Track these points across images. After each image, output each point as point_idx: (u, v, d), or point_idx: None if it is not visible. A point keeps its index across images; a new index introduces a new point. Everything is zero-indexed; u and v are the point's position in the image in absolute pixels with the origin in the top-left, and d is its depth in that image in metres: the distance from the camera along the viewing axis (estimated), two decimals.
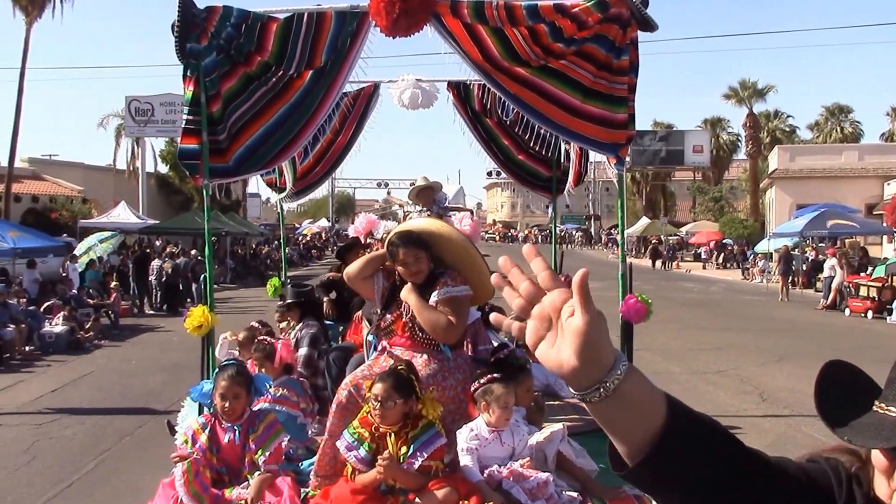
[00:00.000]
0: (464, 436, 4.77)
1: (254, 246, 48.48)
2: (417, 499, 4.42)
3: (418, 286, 5.13)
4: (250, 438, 5.03)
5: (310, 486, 5.02)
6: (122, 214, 37.56)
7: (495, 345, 6.23)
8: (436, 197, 7.79)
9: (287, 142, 6.11)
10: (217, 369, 5.36)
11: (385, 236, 5.89)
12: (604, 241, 75.46)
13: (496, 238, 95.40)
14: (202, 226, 6.17)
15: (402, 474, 4.45)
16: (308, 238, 65.98)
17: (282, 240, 11.17)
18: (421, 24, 5.70)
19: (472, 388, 4.90)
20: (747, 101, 60.24)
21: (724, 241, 51.30)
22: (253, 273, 39.06)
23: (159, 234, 38.02)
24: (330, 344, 7.36)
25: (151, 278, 27.26)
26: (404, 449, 4.51)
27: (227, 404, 5.05)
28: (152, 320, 24.27)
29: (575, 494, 4.78)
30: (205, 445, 5.07)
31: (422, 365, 4.98)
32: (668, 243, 53.69)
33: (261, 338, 6.65)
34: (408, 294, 5.09)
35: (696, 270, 46.58)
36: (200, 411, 6.04)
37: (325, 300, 8.14)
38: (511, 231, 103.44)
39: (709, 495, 1.48)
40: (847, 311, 24.32)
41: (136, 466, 6.45)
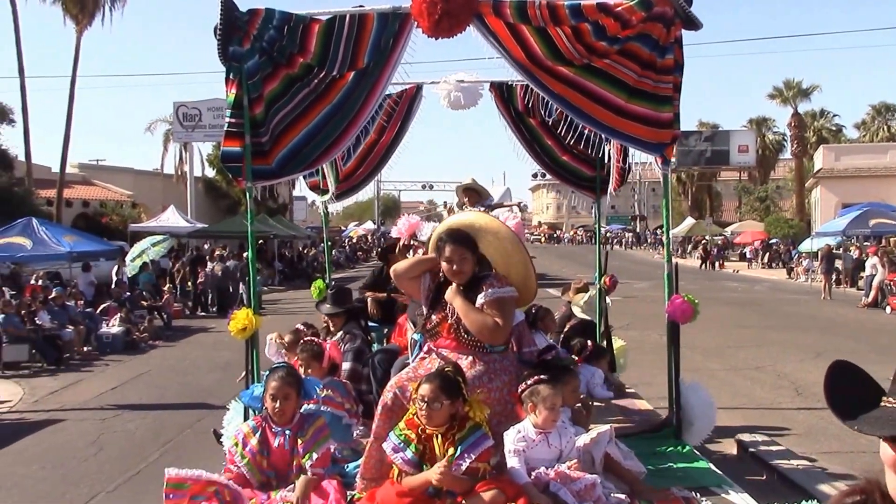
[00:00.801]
0: (511, 437, 4.72)
1: (300, 248, 48.77)
2: (464, 501, 4.37)
3: (464, 287, 5.07)
4: (299, 442, 4.99)
5: (356, 489, 4.98)
6: (171, 218, 37.95)
7: (541, 346, 6.16)
8: (482, 202, 7.75)
9: (330, 143, 6.07)
10: (267, 371, 5.34)
11: (431, 235, 5.82)
12: (649, 241, 74.86)
13: (541, 239, 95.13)
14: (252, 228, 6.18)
15: (453, 480, 4.40)
16: (354, 240, 66.27)
17: (325, 242, 11.16)
18: (463, 25, 5.65)
19: (519, 390, 4.84)
20: (792, 101, 59.73)
21: (769, 241, 50.65)
22: (300, 275, 39.31)
23: (208, 238, 38.38)
24: (372, 347, 7.31)
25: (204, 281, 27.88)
26: (451, 450, 4.46)
27: (278, 405, 5.01)
28: (203, 321, 24.67)
29: (623, 497, 4.72)
30: (255, 449, 5.04)
31: (468, 366, 4.91)
32: (714, 243, 53.04)
33: (307, 338, 6.63)
34: (453, 296, 5.03)
35: (742, 270, 46.01)
36: (246, 416, 6.03)
37: (370, 300, 8.10)
38: (557, 232, 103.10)
39: None
40: (888, 309, 24.28)
41: (198, 456, 6.64)
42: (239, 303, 23.21)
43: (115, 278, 24.94)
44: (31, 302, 18.47)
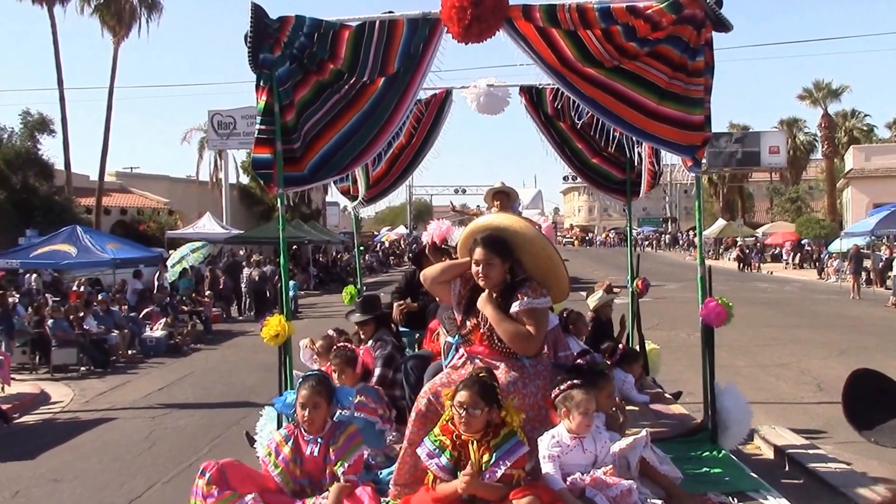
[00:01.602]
0: (545, 443, 4.66)
1: (334, 253, 48.92)
2: None
3: (498, 294, 5.00)
4: (331, 450, 4.95)
5: (389, 496, 4.93)
6: (207, 225, 38.27)
7: (574, 351, 6.09)
8: (511, 205, 7.68)
9: (361, 149, 6.02)
10: (300, 379, 5.31)
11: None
12: (681, 242, 74.40)
13: (573, 242, 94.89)
14: (286, 234, 6.16)
15: (484, 488, 4.34)
16: (386, 245, 66.40)
17: (356, 247, 11.19)
18: (493, 30, 5.60)
19: (553, 395, 4.77)
20: (822, 102, 59.19)
21: (801, 242, 50.12)
22: (335, 279, 39.53)
23: (243, 244, 38.64)
24: (405, 352, 7.25)
25: (241, 286, 28.57)
26: (486, 457, 4.42)
27: (307, 414, 4.98)
28: (242, 325, 25.06)
29: (659, 502, 4.65)
30: (288, 457, 5.02)
31: (501, 373, 4.84)
32: (746, 244, 52.53)
33: (340, 344, 6.59)
34: (485, 305, 4.95)
35: (776, 272, 45.45)
36: (279, 423, 6.01)
37: (396, 306, 8.03)
38: (588, 235, 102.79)
39: None
40: None
41: (246, 450, 6.82)
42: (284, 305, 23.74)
43: (157, 284, 25.46)
44: (78, 307, 18.94)
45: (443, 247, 6.96)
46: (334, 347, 6.48)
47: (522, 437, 4.52)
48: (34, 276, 24.36)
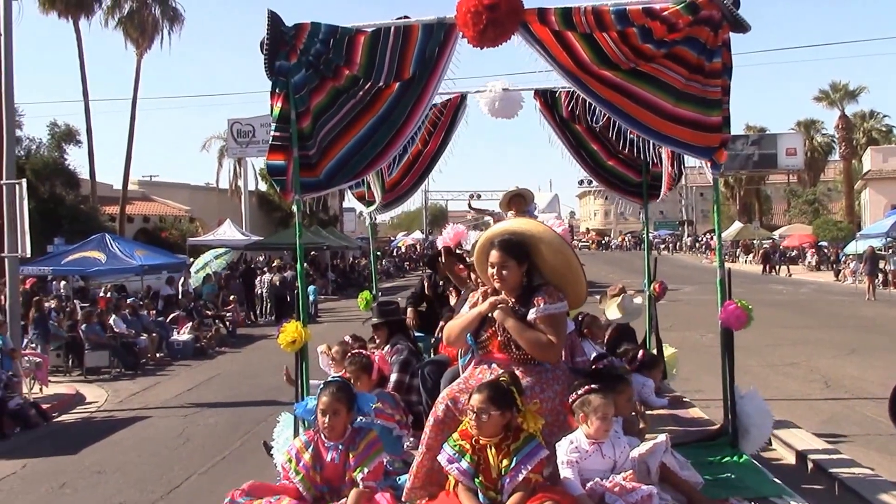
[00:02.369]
0: (563, 448, 4.59)
1: (351, 259, 49.00)
2: None
3: (516, 299, 4.94)
4: (351, 456, 4.91)
5: (404, 498, 4.87)
6: (227, 232, 38.56)
7: (589, 354, 6.02)
8: (527, 208, 7.61)
9: (377, 153, 5.99)
10: (320, 385, 5.27)
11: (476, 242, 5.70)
12: (697, 245, 74.10)
13: (590, 246, 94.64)
14: (303, 241, 6.13)
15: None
16: (403, 250, 66.42)
17: (371, 252, 11.16)
18: (509, 34, 5.55)
19: (571, 400, 4.69)
20: (839, 104, 58.83)
21: (818, 244, 49.75)
22: (353, 284, 39.61)
23: (263, 250, 38.85)
24: (422, 357, 7.18)
25: (262, 291, 29.21)
26: (506, 462, 4.39)
27: (327, 420, 4.95)
28: (264, 329, 25.42)
29: None
30: (308, 464, 4.99)
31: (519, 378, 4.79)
32: (769, 247, 52.13)
33: (355, 351, 6.55)
34: (504, 317, 4.87)
35: (797, 274, 45.06)
36: (296, 428, 5.97)
37: (411, 311, 7.98)
38: (605, 238, 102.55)
39: None
40: None
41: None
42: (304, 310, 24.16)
43: (182, 289, 26.18)
44: (108, 312, 19.89)
45: (457, 251, 6.91)
46: (349, 354, 6.44)
47: (542, 440, 4.47)
48: (63, 282, 24.82)
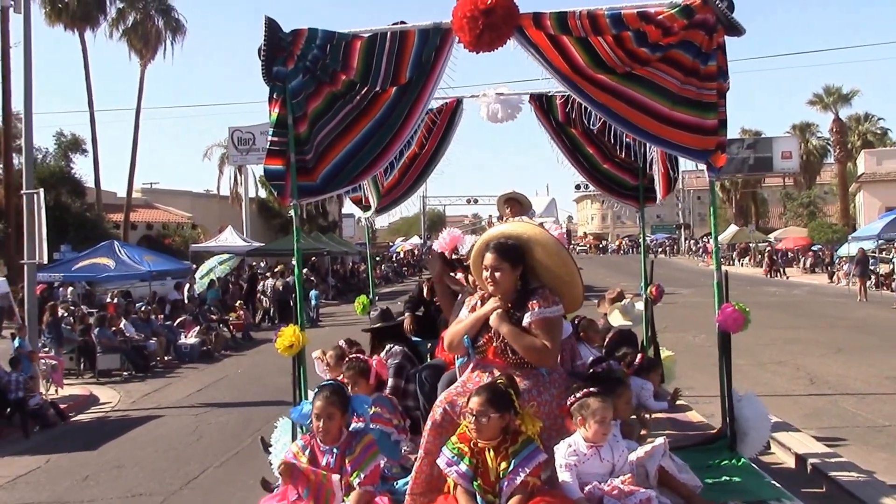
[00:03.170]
0: (562, 452, 4.54)
1: (351, 264, 48.98)
2: None
3: (511, 303, 4.89)
4: (347, 460, 4.85)
5: None
6: (229, 238, 38.66)
7: (586, 358, 5.97)
8: (524, 213, 7.55)
9: (374, 158, 5.95)
10: (316, 389, 5.22)
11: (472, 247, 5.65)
12: (694, 249, 74.09)
13: (587, 250, 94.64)
14: (304, 247, 6.10)
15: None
16: (401, 255, 66.38)
17: (368, 257, 11.16)
18: (504, 39, 5.53)
19: (569, 403, 4.63)
20: (832, 107, 58.84)
21: (812, 246, 49.72)
22: (352, 289, 39.52)
23: (264, 256, 38.89)
24: (420, 361, 7.11)
25: (266, 296, 29.45)
26: (504, 464, 4.35)
27: (322, 424, 4.89)
28: (268, 333, 25.47)
29: None
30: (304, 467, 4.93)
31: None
32: (772, 250, 52.06)
33: (353, 355, 6.49)
34: (499, 323, 4.80)
35: (793, 276, 44.97)
36: (294, 433, 5.91)
37: (407, 316, 7.90)
38: (602, 242, 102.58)
39: None
40: None
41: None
42: (307, 314, 24.63)
43: (187, 295, 26.78)
44: (118, 316, 20.56)
45: (453, 258, 6.83)
46: (347, 359, 6.38)
47: (540, 444, 4.43)
48: (70, 288, 25.24)
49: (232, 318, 25.10)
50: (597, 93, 5.66)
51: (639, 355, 7.31)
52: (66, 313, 20.56)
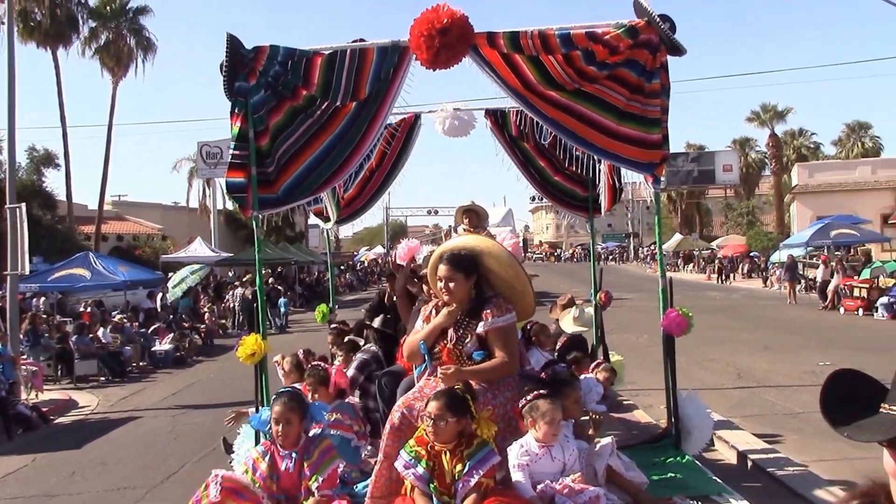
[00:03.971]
0: (514, 452, 4.52)
1: (317, 273, 48.70)
2: None
3: (465, 312, 4.85)
4: (305, 464, 4.76)
5: None
6: (198, 249, 38.21)
7: (538, 362, 5.96)
8: (481, 223, 7.52)
9: (334, 171, 5.91)
10: (275, 395, 5.14)
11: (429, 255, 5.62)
12: (641, 256, 74.74)
13: (543, 258, 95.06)
14: (271, 257, 6.04)
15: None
16: (366, 264, 66.11)
17: (330, 267, 11.15)
18: (460, 57, 5.54)
19: (520, 405, 4.61)
20: (769, 123, 59.90)
21: (749, 253, 50.47)
22: (319, 297, 39.17)
23: (232, 265, 38.55)
24: (383, 366, 7.04)
25: (235, 304, 29.48)
26: (459, 467, 4.31)
27: (281, 429, 4.80)
28: (237, 340, 24.91)
29: None
30: (265, 473, 4.83)
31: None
32: (702, 257, 52.68)
33: (315, 363, 6.41)
34: (458, 375, 4.62)
35: (734, 282, 45.50)
36: (257, 439, 5.81)
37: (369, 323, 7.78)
38: (557, 250, 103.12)
39: None
40: (842, 310, 25.39)
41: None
42: (274, 322, 26.81)
43: (160, 303, 26.71)
44: (95, 324, 20.56)
45: (411, 265, 6.77)
46: (309, 366, 6.30)
47: (494, 446, 4.40)
48: (42, 298, 24.87)
49: (203, 326, 25.04)
50: (548, 108, 5.69)
51: (594, 363, 7.31)
52: (42, 322, 20.46)
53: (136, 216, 48.48)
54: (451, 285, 4.83)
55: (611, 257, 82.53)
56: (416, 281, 6.45)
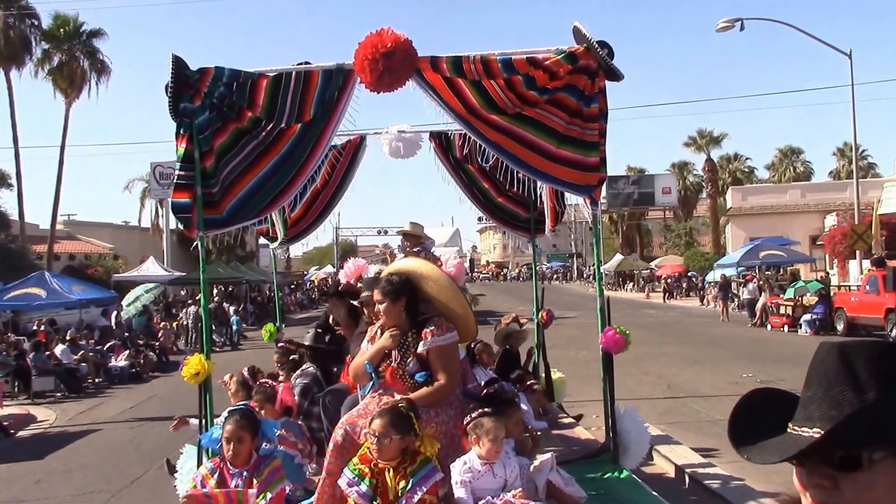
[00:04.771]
0: (457, 469, 4.45)
1: (268, 292, 48.22)
2: None
3: (405, 335, 4.81)
4: (255, 482, 4.62)
5: None
6: (150, 268, 37.66)
7: (482, 380, 5.90)
8: (422, 243, 7.47)
9: (278, 192, 5.80)
10: (226, 413, 5.00)
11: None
12: (584, 276, 75.43)
13: (491, 278, 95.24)
14: (223, 276, 5.90)
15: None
16: (316, 283, 65.63)
17: (276, 287, 11.04)
18: (403, 80, 5.50)
19: (465, 423, 4.55)
20: (705, 148, 61.03)
21: (687, 273, 51.26)
22: (269, 315, 38.78)
23: (184, 285, 38.04)
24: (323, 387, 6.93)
25: (188, 322, 29.31)
26: (402, 483, 4.22)
27: (232, 448, 4.65)
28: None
29: None
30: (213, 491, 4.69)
31: None
32: (641, 276, 53.33)
33: (262, 381, 6.30)
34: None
35: (673, 301, 46.08)
36: (199, 458, 5.64)
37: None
38: (503, 270, 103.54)
39: None
40: (769, 327, 26.45)
41: None
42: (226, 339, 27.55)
43: (115, 321, 26.97)
44: (50, 342, 20.90)
45: (358, 284, 6.70)
46: (257, 383, 6.18)
47: (437, 463, 4.33)
48: None
49: (157, 343, 24.92)
50: (490, 132, 5.67)
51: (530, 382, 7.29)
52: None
53: (88, 236, 47.61)
54: (381, 308, 4.83)
55: (555, 277, 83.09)
56: (354, 305, 6.39)
